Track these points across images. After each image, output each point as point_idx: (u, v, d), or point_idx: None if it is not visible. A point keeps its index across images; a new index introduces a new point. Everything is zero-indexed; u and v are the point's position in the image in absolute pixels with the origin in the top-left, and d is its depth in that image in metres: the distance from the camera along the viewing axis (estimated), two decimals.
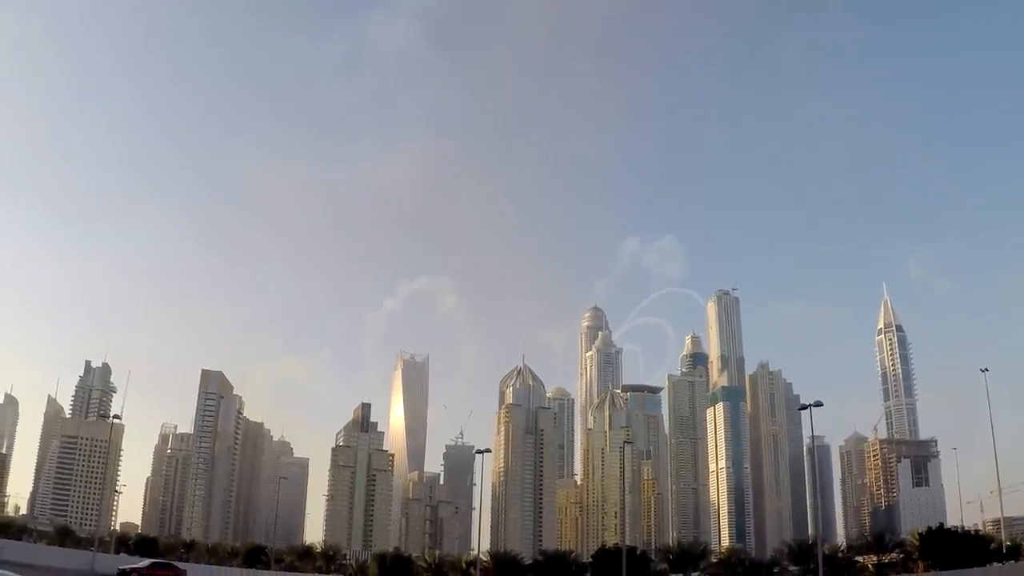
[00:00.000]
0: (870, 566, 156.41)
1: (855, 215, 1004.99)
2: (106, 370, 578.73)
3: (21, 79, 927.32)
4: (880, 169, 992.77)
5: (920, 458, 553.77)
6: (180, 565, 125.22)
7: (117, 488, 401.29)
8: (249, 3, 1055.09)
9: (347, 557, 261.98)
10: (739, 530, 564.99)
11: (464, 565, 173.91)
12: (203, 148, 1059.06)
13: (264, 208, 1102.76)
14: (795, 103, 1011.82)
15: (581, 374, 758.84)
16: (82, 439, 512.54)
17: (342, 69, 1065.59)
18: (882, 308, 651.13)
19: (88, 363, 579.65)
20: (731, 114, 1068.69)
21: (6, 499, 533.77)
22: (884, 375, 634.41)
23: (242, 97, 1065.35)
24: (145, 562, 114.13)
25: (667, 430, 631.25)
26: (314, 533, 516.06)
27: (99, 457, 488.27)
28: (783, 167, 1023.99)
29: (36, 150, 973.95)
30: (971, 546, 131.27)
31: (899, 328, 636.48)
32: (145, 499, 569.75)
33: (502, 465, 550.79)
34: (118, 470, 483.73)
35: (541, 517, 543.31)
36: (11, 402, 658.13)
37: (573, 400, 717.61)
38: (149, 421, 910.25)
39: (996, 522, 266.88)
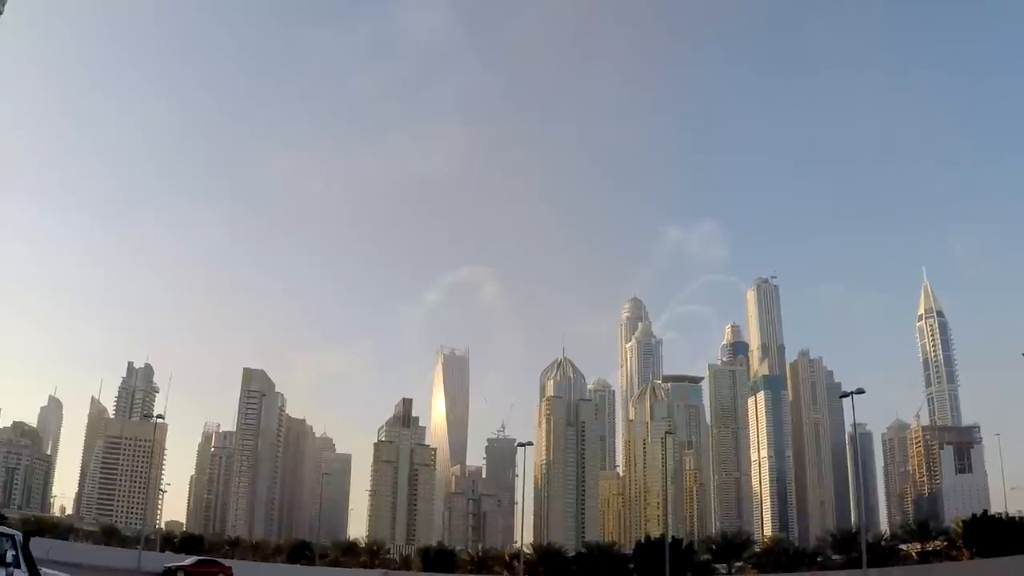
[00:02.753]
0: (914, 554, 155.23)
1: (895, 199, 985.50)
2: (148, 370, 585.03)
3: (47, 78, 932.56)
4: (919, 152, 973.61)
5: (963, 444, 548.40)
6: (225, 562, 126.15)
7: (162, 487, 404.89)
8: None
9: (391, 552, 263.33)
10: (782, 519, 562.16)
11: (508, 558, 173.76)
12: (230, 144, 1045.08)
13: (297, 202, 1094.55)
14: (832, 87, 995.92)
15: (621, 365, 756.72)
16: (126, 439, 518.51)
17: (369, 56, 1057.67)
18: (922, 293, 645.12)
19: (131, 364, 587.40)
20: (767, 99, 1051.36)
21: (52, 500, 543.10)
22: (925, 361, 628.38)
23: (270, 90, 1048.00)
24: (191, 559, 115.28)
25: (708, 420, 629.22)
26: (357, 528, 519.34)
27: (143, 457, 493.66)
28: (821, 151, 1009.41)
29: (67, 151, 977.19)
30: (1016, 533, 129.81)
31: (939, 313, 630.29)
32: (189, 497, 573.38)
33: (544, 458, 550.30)
34: (162, 469, 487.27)
35: (584, 509, 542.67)
36: (55, 404, 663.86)
37: (614, 391, 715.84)
38: (192, 420, 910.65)
39: None
